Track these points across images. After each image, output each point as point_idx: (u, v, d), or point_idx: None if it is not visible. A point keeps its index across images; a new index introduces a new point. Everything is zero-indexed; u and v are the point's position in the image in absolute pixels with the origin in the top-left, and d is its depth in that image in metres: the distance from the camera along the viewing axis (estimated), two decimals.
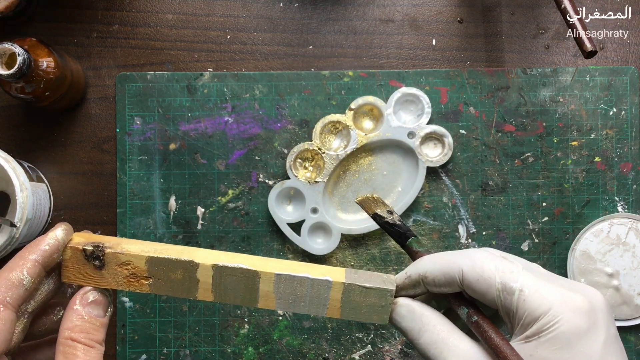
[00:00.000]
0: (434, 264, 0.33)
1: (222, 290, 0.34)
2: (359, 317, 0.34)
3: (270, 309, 0.34)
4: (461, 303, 0.33)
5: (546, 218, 0.58)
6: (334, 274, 0.34)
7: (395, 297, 0.35)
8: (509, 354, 0.30)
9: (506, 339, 0.31)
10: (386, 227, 0.40)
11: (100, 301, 0.34)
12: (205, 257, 0.34)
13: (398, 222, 0.39)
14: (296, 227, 0.57)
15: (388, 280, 0.35)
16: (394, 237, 0.39)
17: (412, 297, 0.35)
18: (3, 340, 0.31)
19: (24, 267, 0.32)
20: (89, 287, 0.34)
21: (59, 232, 0.34)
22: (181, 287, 0.34)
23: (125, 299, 0.57)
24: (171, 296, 0.36)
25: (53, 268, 0.35)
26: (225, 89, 0.58)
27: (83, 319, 0.33)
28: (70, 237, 0.34)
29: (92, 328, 0.33)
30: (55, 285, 0.36)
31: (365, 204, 0.41)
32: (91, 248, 0.33)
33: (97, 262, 0.34)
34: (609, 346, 0.30)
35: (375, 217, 0.40)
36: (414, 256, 0.37)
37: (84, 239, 0.34)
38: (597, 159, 0.58)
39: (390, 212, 0.40)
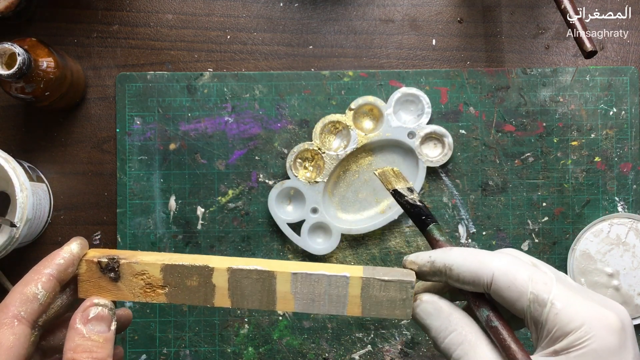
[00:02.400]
0: (464, 260, 0.33)
1: (239, 295, 0.33)
2: (381, 313, 0.33)
3: (289, 311, 0.33)
4: (481, 304, 0.33)
5: (546, 218, 0.58)
6: (352, 270, 0.34)
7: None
8: None
9: (524, 348, 0.31)
10: (406, 207, 0.37)
11: (102, 316, 0.33)
12: (220, 261, 0.34)
13: (419, 203, 0.37)
14: (296, 227, 0.57)
15: (407, 273, 0.34)
16: (413, 219, 0.37)
17: (427, 286, 0.35)
18: (17, 356, 0.31)
19: (38, 281, 0.32)
20: (89, 303, 0.33)
21: (74, 246, 0.34)
22: (197, 294, 0.33)
23: None
24: (189, 304, 0.35)
25: (68, 283, 0.35)
26: (225, 89, 0.58)
27: (85, 338, 0.32)
28: (85, 252, 0.34)
29: (95, 346, 0.32)
30: (69, 300, 0.35)
31: (384, 178, 0.39)
32: (106, 260, 0.34)
33: (112, 274, 0.34)
34: None
35: (395, 193, 0.38)
36: (434, 244, 0.36)
37: (98, 253, 0.34)
38: (597, 159, 0.58)
39: (411, 190, 0.38)
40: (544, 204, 0.58)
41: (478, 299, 0.33)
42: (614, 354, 0.29)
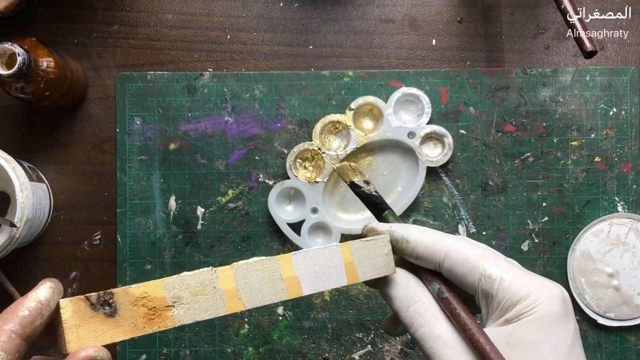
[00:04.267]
0: (421, 234, 0.35)
1: (249, 293, 0.32)
2: (373, 274, 0.35)
3: (299, 296, 0.33)
4: (433, 278, 0.35)
5: (546, 218, 0.58)
6: (340, 243, 0.36)
7: None
8: (475, 332, 0.32)
9: (473, 317, 0.33)
10: (362, 197, 0.40)
11: None
12: (222, 267, 0.32)
13: (375, 193, 0.40)
14: (296, 227, 0.57)
15: (380, 234, 0.36)
16: (370, 208, 0.40)
17: None
18: None
19: None
20: (83, 354, 0.27)
21: (41, 292, 0.28)
22: (207, 305, 0.30)
23: None
24: (200, 321, 0.31)
25: (43, 333, 0.29)
26: (225, 89, 0.58)
27: None
28: (59, 296, 0.28)
29: None
30: (48, 344, 0.30)
31: (342, 172, 0.42)
32: (95, 294, 0.28)
33: (107, 308, 0.28)
34: (577, 334, 0.32)
35: (352, 185, 0.41)
36: None
37: (73, 302, 0.28)
38: (597, 159, 0.58)
39: (367, 183, 0.41)
40: (544, 204, 0.58)
41: (430, 274, 0.35)
42: (559, 320, 0.31)
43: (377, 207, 0.39)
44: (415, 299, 0.34)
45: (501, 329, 0.32)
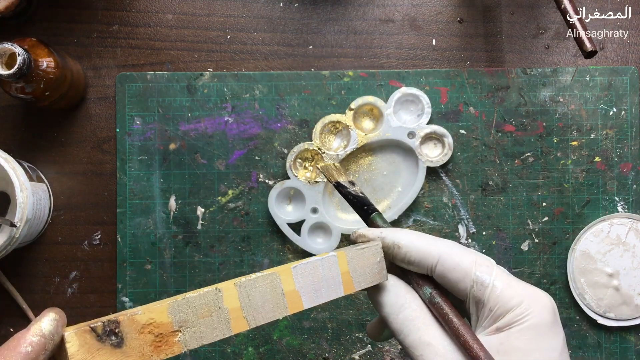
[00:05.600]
0: (412, 240, 0.34)
1: (253, 311, 0.32)
2: (367, 282, 0.35)
3: (300, 310, 0.33)
4: (424, 283, 0.34)
5: (546, 218, 0.58)
6: (335, 251, 0.35)
7: None
8: (468, 338, 0.31)
9: (466, 323, 0.32)
10: (348, 198, 0.39)
11: None
12: (224, 283, 0.32)
13: (360, 194, 0.39)
14: (296, 227, 0.57)
15: (371, 241, 0.36)
16: (356, 210, 0.39)
17: None
18: None
19: None
20: None
21: (45, 325, 0.26)
22: (213, 327, 0.30)
23: (125, 299, 0.57)
24: (207, 345, 0.31)
25: None
26: (225, 89, 0.58)
27: None
28: (63, 329, 0.26)
29: None
30: None
31: (327, 171, 0.41)
32: (101, 323, 0.26)
33: (114, 338, 0.27)
34: (565, 343, 0.32)
35: (338, 186, 0.40)
36: None
37: (76, 328, 0.27)
38: (597, 159, 0.58)
39: (353, 184, 0.40)
40: (544, 204, 0.58)
41: (421, 279, 0.35)
42: (550, 329, 0.31)
43: (364, 209, 0.38)
44: (405, 306, 0.34)
45: (492, 337, 0.32)
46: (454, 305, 0.35)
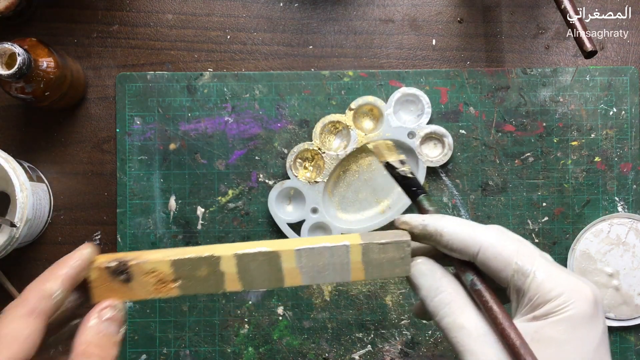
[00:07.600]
0: (454, 228, 0.35)
1: (249, 278, 0.34)
2: (383, 274, 0.35)
3: (297, 285, 0.34)
4: (467, 269, 0.35)
5: (546, 218, 0.58)
6: (350, 238, 0.35)
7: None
8: (506, 326, 0.32)
9: (505, 311, 0.33)
10: (397, 179, 0.39)
11: (116, 318, 0.34)
12: (225, 249, 0.35)
13: (410, 175, 0.38)
14: (296, 227, 0.57)
15: (402, 234, 0.36)
16: (404, 190, 0.38)
17: (414, 247, 0.37)
18: (32, 347, 0.32)
19: (56, 281, 0.33)
20: (106, 304, 0.34)
21: (85, 252, 0.35)
22: (208, 282, 0.34)
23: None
24: (201, 294, 0.36)
25: (77, 286, 0.35)
26: (225, 89, 0.58)
27: (98, 335, 0.33)
28: (95, 257, 0.35)
29: (106, 344, 0.33)
30: (74, 304, 0.36)
31: (378, 150, 0.41)
32: (115, 264, 0.34)
33: (123, 276, 0.34)
34: (604, 337, 0.32)
35: (387, 166, 0.39)
36: (424, 214, 0.38)
37: (105, 258, 0.35)
38: (597, 159, 0.58)
39: (403, 163, 0.39)
40: (544, 204, 0.58)
41: (464, 265, 0.35)
42: (588, 322, 0.31)
43: (412, 190, 0.38)
44: (441, 289, 0.34)
45: (528, 325, 0.32)
46: (497, 290, 0.35)
